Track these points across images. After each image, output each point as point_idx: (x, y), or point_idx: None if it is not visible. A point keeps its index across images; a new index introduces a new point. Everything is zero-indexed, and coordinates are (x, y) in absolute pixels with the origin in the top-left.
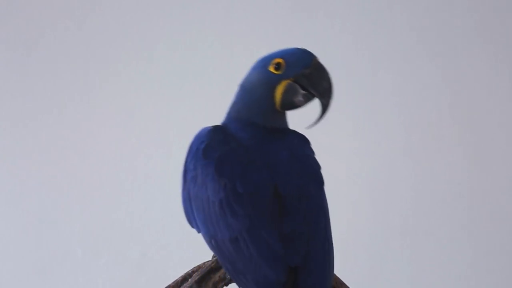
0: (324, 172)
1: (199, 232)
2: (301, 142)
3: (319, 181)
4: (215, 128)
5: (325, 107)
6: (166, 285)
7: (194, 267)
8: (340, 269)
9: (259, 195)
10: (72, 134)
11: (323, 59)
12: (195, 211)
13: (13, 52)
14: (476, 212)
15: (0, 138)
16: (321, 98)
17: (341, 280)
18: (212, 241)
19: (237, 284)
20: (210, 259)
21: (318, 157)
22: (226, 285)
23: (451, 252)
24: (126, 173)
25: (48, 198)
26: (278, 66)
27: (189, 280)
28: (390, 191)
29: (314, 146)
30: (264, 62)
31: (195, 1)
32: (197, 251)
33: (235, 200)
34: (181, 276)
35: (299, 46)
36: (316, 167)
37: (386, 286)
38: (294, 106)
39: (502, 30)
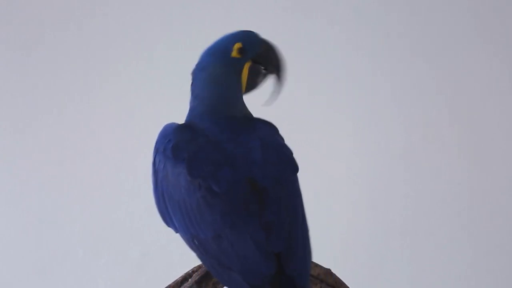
0: (324, 172)
1: (176, 232)
2: (270, 129)
3: (294, 168)
4: (182, 126)
5: (282, 81)
6: (166, 285)
7: (194, 267)
8: (340, 269)
9: (236, 191)
10: (72, 134)
11: (323, 59)
12: (172, 212)
13: (13, 52)
14: (476, 212)
15: (0, 138)
16: (278, 73)
17: (341, 280)
18: (195, 241)
19: (221, 281)
20: None
21: (318, 157)
22: None
23: (451, 252)
24: (126, 173)
25: (48, 198)
26: (241, 51)
27: (189, 280)
28: (390, 191)
29: (314, 146)
30: (224, 49)
31: (195, 1)
32: None
33: (212, 199)
34: (181, 276)
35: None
36: (289, 153)
37: (386, 286)
38: (255, 87)
39: (502, 30)
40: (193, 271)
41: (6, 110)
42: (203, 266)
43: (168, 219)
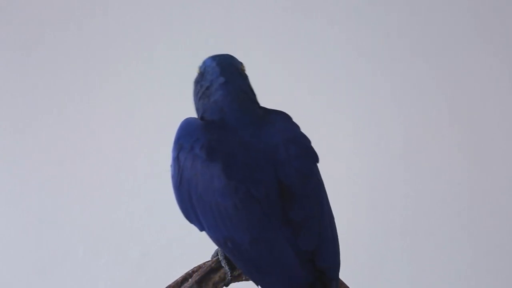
0: (324, 172)
1: (201, 230)
2: (286, 120)
3: (314, 158)
4: (207, 123)
5: None
6: (167, 285)
7: (194, 267)
8: (340, 269)
9: (271, 194)
10: (72, 134)
11: (323, 59)
12: (200, 212)
13: (13, 52)
14: (476, 212)
15: (0, 138)
16: None
17: (341, 280)
18: (228, 243)
19: (256, 283)
20: (210, 259)
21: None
22: (226, 285)
23: (451, 252)
24: (126, 173)
25: (48, 198)
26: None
27: (189, 280)
28: (390, 191)
29: (314, 146)
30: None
31: (195, 1)
32: (197, 251)
33: (251, 203)
34: (181, 276)
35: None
36: (308, 142)
37: (386, 286)
38: None
39: (502, 30)
40: (193, 271)
41: (6, 110)
42: (203, 266)
43: (193, 217)
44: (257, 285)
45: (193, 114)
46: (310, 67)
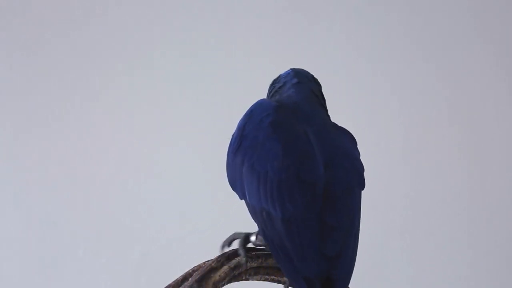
0: None
1: (241, 198)
2: (350, 141)
3: (361, 183)
4: (281, 105)
5: None
6: (166, 284)
7: (195, 266)
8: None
9: (317, 188)
10: (72, 134)
11: (323, 59)
12: (246, 182)
13: (13, 52)
14: (476, 212)
15: (2, 138)
16: None
17: None
18: (264, 214)
19: (276, 258)
20: (210, 258)
21: None
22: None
23: (451, 252)
24: (126, 173)
25: (49, 198)
26: None
27: (190, 279)
28: (390, 191)
29: None
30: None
31: (195, 1)
32: (197, 251)
33: (297, 185)
34: (181, 276)
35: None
36: (361, 169)
37: (386, 286)
38: None
39: (502, 30)
40: (194, 270)
41: (6, 110)
42: (204, 265)
43: (238, 184)
44: (277, 262)
45: (194, 114)
46: (310, 67)
